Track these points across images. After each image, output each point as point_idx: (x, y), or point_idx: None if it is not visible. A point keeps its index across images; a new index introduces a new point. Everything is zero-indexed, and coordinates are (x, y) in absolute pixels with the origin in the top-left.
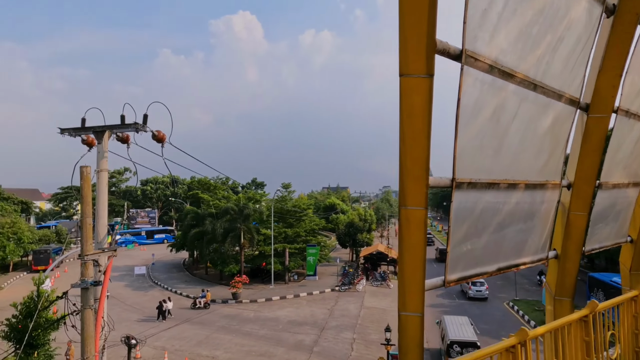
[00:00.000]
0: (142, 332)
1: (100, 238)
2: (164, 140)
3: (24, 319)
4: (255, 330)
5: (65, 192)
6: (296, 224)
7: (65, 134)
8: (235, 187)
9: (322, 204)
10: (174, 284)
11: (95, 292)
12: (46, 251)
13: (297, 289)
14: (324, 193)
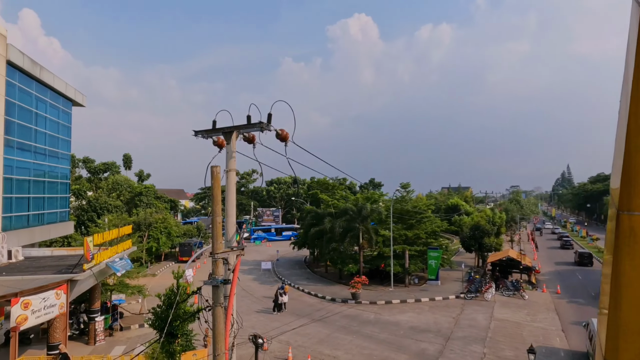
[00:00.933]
0: (268, 324)
1: (229, 236)
2: (287, 139)
3: (166, 309)
4: (375, 334)
5: (204, 192)
6: (416, 226)
7: (199, 136)
8: (352, 187)
9: (442, 204)
10: (296, 280)
11: (225, 290)
12: (189, 244)
13: (418, 293)
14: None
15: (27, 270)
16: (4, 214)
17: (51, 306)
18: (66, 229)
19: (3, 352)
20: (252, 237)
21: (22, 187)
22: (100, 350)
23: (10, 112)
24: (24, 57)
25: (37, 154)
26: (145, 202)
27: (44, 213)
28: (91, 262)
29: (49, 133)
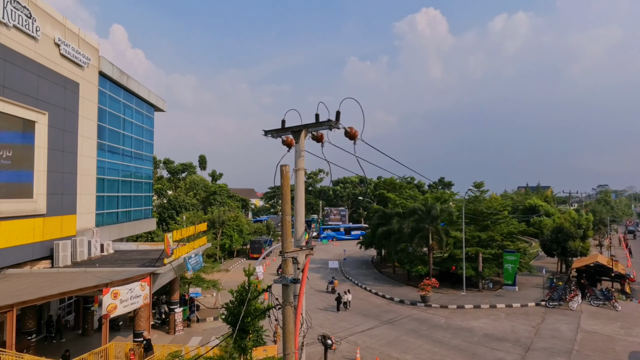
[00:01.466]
0: (335, 324)
1: (298, 235)
2: (356, 137)
3: (238, 305)
4: (447, 339)
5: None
6: (491, 227)
7: (269, 136)
8: (421, 187)
9: (520, 205)
10: (363, 280)
11: (294, 289)
12: (259, 242)
13: (493, 298)
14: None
15: (116, 263)
16: (97, 211)
17: (137, 296)
18: (150, 225)
19: (96, 336)
20: (321, 236)
21: (112, 186)
22: (179, 340)
23: (101, 118)
24: (114, 67)
25: (124, 156)
26: (219, 201)
27: (130, 210)
28: (171, 257)
29: (135, 137)
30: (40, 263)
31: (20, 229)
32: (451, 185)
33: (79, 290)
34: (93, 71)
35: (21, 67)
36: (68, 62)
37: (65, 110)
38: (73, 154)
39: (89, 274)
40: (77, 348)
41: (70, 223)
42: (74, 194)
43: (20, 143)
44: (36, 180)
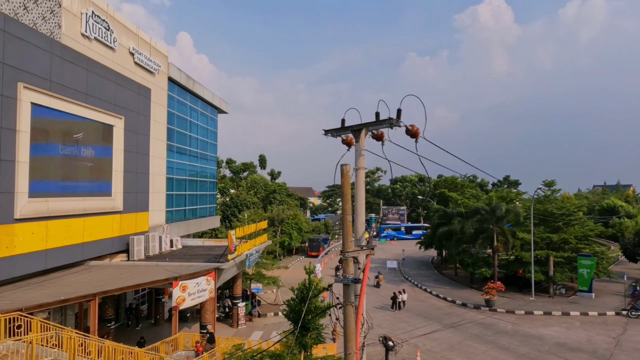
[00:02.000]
0: (394, 325)
1: (359, 235)
2: (418, 135)
3: (299, 303)
4: (514, 346)
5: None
6: (563, 229)
7: (328, 135)
8: (484, 186)
9: (596, 205)
10: (423, 281)
11: (355, 289)
12: (318, 240)
13: (566, 305)
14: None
15: (184, 258)
16: (167, 208)
17: (203, 290)
18: (214, 222)
19: (167, 325)
20: (382, 235)
21: (180, 185)
22: (242, 333)
23: (170, 121)
24: (181, 73)
25: (191, 157)
26: (278, 199)
27: (196, 208)
28: (234, 253)
29: (200, 138)
30: (117, 256)
31: (102, 225)
32: (518, 184)
33: (152, 283)
34: (163, 77)
35: (101, 76)
36: (141, 70)
37: (139, 114)
38: (145, 155)
39: (160, 268)
40: (150, 336)
41: (144, 219)
42: (146, 193)
43: (101, 146)
44: (114, 180)
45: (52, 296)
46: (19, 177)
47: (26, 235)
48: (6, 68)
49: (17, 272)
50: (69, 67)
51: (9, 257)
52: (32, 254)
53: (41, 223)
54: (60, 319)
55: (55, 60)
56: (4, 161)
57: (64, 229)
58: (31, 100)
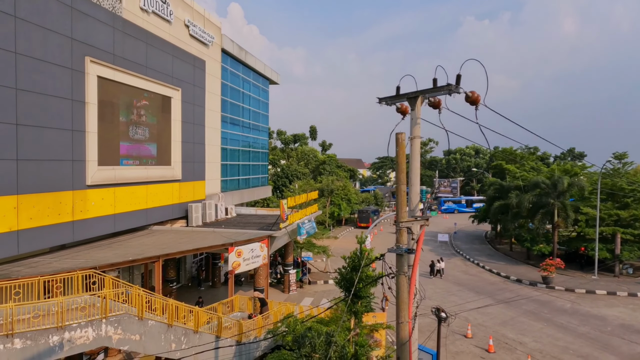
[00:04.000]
0: (445, 297)
1: (413, 205)
2: (478, 102)
3: (350, 271)
4: (572, 325)
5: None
6: (634, 205)
7: (383, 103)
8: (545, 158)
9: None
10: (475, 255)
11: (408, 259)
12: (367, 211)
13: (633, 286)
14: None
15: (238, 225)
16: (222, 177)
17: (257, 256)
18: (266, 192)
19: (223, 288)
20: (443, 208)
21: (233, 155)
22: (293, 299)
23: (224, 92)
24: (233, 44)
25: (243, 128)
26: (328, 171)
27: (249, 178)
28: (286, 222)
29: (252, 109)
30: (177, 222)
31: (163, 192)
32: (583, 156)
33: (209, 248)
34: (216, 49)
35: (159, 49)
36: (196, 42)
37: (195, 86)
38: (201, 126)
39: (216, 234)
40: (207, 297)
41: (201, 188)
42: (202, 162)
43: (161, 117)
44: (173, 150)
45: (121, 256)
46: (89, 147)
47: (97, 200)
48: (75, 43)
49: (90, 234)
50: (129, 41)
51: (83, 220)
52: (103, 218)
53: (109, 189)
54: (128, 278)
55: (117, 34)
56: (75, 131)
57: (130, 195)
58: (97, 74)
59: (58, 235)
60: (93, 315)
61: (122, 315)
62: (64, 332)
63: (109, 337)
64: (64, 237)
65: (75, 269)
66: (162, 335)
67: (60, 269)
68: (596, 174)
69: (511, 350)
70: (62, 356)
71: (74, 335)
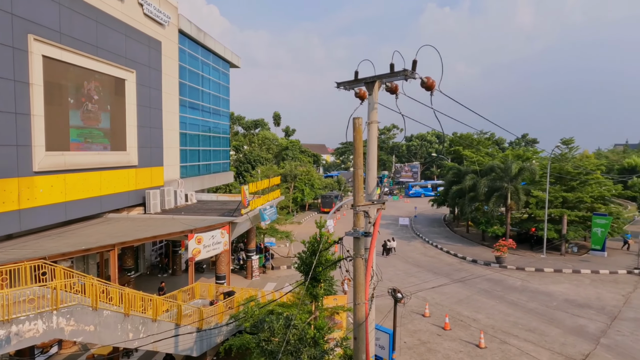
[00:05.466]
0: (405, 279)
1: (370, 190)
2: (433, 88)
3: (310, 255)
4: (522, 302)
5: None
6: (579, 188)
7: (341, 88)
8: (501, 144)
9: (616, 164)
10: (434, 238)
11: (365, 242)
12: (330, 196)
13: (577, 263)
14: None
15: (199, 212)
16: (181, 163)
17: (218, 243)
18: (227, 178)
19: (184, 276)
20: (410, 193)
21: (193, 140)
22: (256, 284)
23: (182, 75)
24: (192, 25)
25: (203, 112)
26: (290, 156)
27: (210, 164)
28: (248, 208)
29: (212, 93)
30: (134, 209)
31: (119, 178)
32: (535, 142)
33: (168, 235)
34: (173, 29)
35: (110, 28)
36: (151, 21)
37: (150, 68)
38: (158, 110)
39: (176, 221)
40: (168, 285)
41: (159, 174)
42: (160, 148)
43: (114, 100)
44: (128, 135)
45: (74, 245)
46: (35, 131)
47: (46, 187)
48: (15, 19)
49: (39, 223)
50: (78, 19)
51: (31, 209)
52: (53, 206)
53: (59, 176)
54: (82, 268)
55: (64, 11)
56: (19, 115)
57: (82, 182)
58: (42, 53)
59: (3, 225)
60: (43, 307)
61: (74, 306)
62: (10, 326)
63: (61, 329)
64: (9, 227)
65: (23, 260)
66: (118, 325)
67: (5, 259)
68: (547, 159)
69: (465, 327)
70: (11, 350)
71: (22, 329)
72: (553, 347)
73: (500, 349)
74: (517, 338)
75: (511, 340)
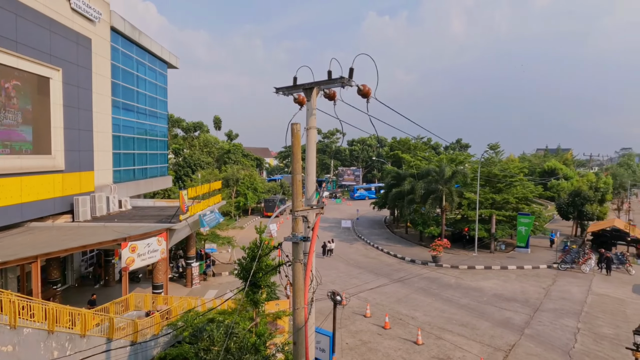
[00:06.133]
0: (347, 281)
1: (309, 194)
2: (369, 95)
3: (250, 261)
4: (456, 298)
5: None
6: (505, 190)
7: (280, 93)
8: (437, 148)
9: (537, 167)
10: (375, 239)
11: (304, 247)
12: (273, 200)
13: (505, 260)
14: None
15: (134, 219)
16: (114, 167)
17: (154, 251)
18: (166, 182)
19: (118, 287)
20: (355, 195)
21: (128, 144)
22: (196, 293)
23: (115, 75)
24: (125, 22)
25: (139, 114)
26: (232, 160)
27: (147, 168)
28: (186, 214)
29: (149, 94)
30: (61, 217)
31: (41, 184)
32: (468, 146)
33: (98, 244)
34: (105, 26)
35: (33, 22)
36: (79, 17)
37: (79, 66)
38: (88, 111)
39: (108, 229)
40: (101, 297)
41: (89, 179)
42: (90, 151)
43: (37, 100)
44: (53, 137)
45: None
46: None
47: None
48: None
49: None
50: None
51: None
52: None
53: None
54: (0, 283)
55: None
56: None
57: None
58: None
59: None
60: None
61: None
62: None
63: None
64: None
65: None
66: (41, 343)
67: None
68: (477, 163)
69: (404, 325)
70: None
71: None
72: (483, 339)
73: (436, 344)
74: (451, 333)
75: (446, 336)
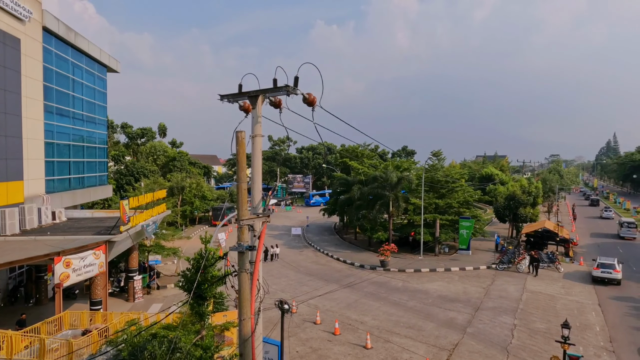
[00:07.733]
0: (297, 288)
1: (255, 203)
2: (315, 104)
3: (195, 272)
4: (403, 301)
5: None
6: (448, 195)
7: (225, 101)
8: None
9: (477, 173)
10: (325, 246)
11: (251, 256)
12: (222, 209)
13: (448, 262)
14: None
15: (69, 231)
16: (47, 177)
17: (90, 265)
18: (105, 192)
19: (51, 305)
20: (311, 202)
21: (62, 151)
22: (139, 307)
23: (48, 78)
24: (59, 23)
25: (75, 120)
26: (178, 167)
27: (84, 177)
28: (128, 225)
29: (86, 99)
30: None
31: None
32: (414, 153)
33: (28, 260)
34: (36, 26)
35: None
36: (6, 15)
37: (6, 68)
38: (16, 116)
39: (39, 243)
40: (31, 317)
41: (17, 190)
42: (19, 159)
43: None
44: None
45: None
46: None
47: None
48: None
49: None
50: None
51: None
52: None
53: None
54: None
55: None
56: None
57: None
58: None
59: None
60: None
61: None
62: None
63: None
64: None
65: None
66: None
67: None
68: (422, 169)
69: (354, 330)
70: None
71: None
72: (429, 340)
73: (384, 347)
74: (399, 335)
75: (394, 339)
